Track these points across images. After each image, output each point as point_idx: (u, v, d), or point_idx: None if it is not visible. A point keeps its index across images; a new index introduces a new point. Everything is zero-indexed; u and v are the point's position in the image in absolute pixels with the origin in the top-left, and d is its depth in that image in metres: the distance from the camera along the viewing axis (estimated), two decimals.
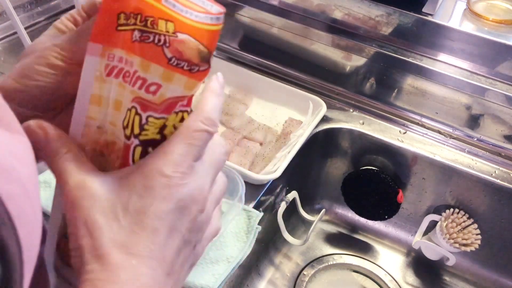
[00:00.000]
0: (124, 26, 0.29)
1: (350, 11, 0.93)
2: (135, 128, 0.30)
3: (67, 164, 0.30)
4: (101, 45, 0.30)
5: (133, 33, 0.29)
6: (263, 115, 0.93)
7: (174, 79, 0.29)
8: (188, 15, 0.29)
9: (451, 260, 0.88)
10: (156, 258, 0.29)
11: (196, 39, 0.29)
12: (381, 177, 0.89)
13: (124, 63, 0.30)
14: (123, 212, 0.29)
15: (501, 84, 0.85)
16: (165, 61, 0.29)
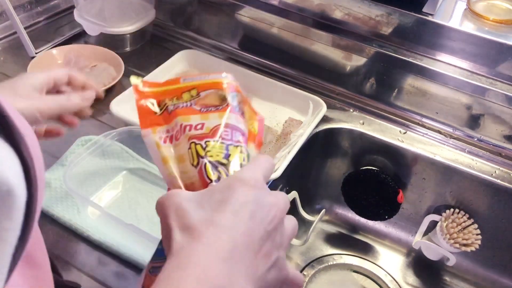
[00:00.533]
0: (160, 110, 0.45)
1: (350, 11, 0.93)
2: (199, 152, 0.40)
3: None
4: (150, 129, 0.44)
5: (167, 109, 0.44)
6: (263, 115, 0.92)
7: (209, 117, 0.43)
8: (204, 78, 0.46)
9: (451, 260, 0.88)
10: (236, 230, 0.33)
11: (213, 89, 0.45)
12: (381, 177, 0.89)
13: (170, 131, 0.43)
14: (207, 202, 0.34)
15: (501, 84, 0.85)
16: (198, 112, 0.43)
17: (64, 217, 0.68)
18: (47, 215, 0.69)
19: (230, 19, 1.06)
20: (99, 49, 0.97)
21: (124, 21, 1.01)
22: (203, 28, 1.10)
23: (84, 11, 1.02)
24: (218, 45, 1.08)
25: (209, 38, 1.09)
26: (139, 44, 1.06)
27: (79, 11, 1.01)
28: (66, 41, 1.04)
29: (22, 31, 0.95)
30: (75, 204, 0.70)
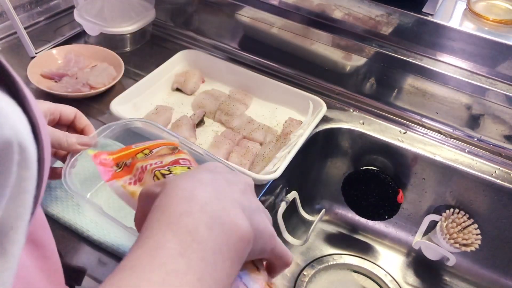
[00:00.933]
0: (119, 168, 0.55)
1: (350, 11, 0.93)
2: (164, 173, 0.48)
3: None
4: (114, 180, 0.53)
5: (126, 164, 0.55)
6: (263, 115, 0.93)
7: (165, 158, 0.52)
8: (153, 141, 0.58)
9: (451, 260, 0.88)
10: (214, 175, 0.38)
11: (164, 146, 0.57)
12: (381, 177, 0.89)
13: (132, 178, 0.53)
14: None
15: (501, 84, 0.85)
16: (155, 157, 0.54)
17: (64, 217, 0.68)
18: (47, 215, 0.69)
19: (230, 19, 1.06)
20: (99, 49, 0.97)
21: (124, 21, 1.00)
22: (203, 28, 1.10)
23: (84, 11, 1.02)
24: (218, 45, 1.08)
25: (209, 38, 1.09)
26: (139, 44, 1.06)
27: (79, 11, 1.01)
28: (66, 41, 1.04)
29: (22, 31, 0.95)
30: (75, 204, 0.70)
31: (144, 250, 0.31)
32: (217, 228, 0.32)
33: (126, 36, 1.03)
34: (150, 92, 0.92)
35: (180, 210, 0.32)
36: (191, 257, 0.30)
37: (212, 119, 0.91)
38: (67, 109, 0.62)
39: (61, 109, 0.61)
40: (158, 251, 0.30)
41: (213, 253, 0.31)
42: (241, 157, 0.81)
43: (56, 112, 0.60)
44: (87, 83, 0.89)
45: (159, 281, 0.29)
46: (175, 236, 0.31)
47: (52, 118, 0.60)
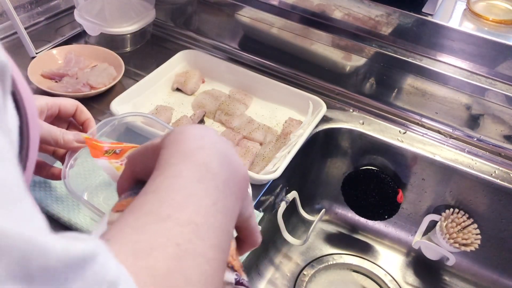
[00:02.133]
0: (109, 153, 0.58)
1: (350, 11, 0.93)
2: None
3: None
4: (105, 159, 0.57)
5: (115, 151, 0.58)
6: (263, 115, 0.93)
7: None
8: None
9: (451, 260, 0.88)
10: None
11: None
12: (381, 177, 0.89)
13: (121, 162, 0.57)
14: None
15: (501, 84, 0.85)
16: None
17: (64, 217, 0.68)
18: (47, 214, 0.69)
19: (230, 19, 1.06)
20: (99, 49, 0.97)
21: (124, 21, 1.01)
22: (203, 28, 1.10)
23: (84, 11, 1.02)
24: (218, 45, 1.08)
25: (209, 38, 1.09)
26: (139, 44, 1.06)
27: (79, 11, 1.01)
28: (66, 41, 1.04)
29: (23, 31, 0.95)
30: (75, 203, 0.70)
31: (164, 178, 0.33)
32: (226, 164, 0.36)
33: (126, 36, 1.03)
34: (150, 92, 0.92)
35: (194, 145, 0.36)
36: (208, 185, 0.33)
37: (212, 119, 0.91)
38: (67, 102, 0.60)
39: (60, 103, 0.59)
40: (177, 178, 0.33)
41: (224, 185, 0.35)
42: (241, 157, 0.81)
43: (54, 106, 0.58)
44: (87, 83, 0.89)
45: (181, 201, 0.31)
46: (192, 166, 0.34)
47: (50, 113, 0.58)
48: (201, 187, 0.33)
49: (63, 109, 0.59)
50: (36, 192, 0.71)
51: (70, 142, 0.58)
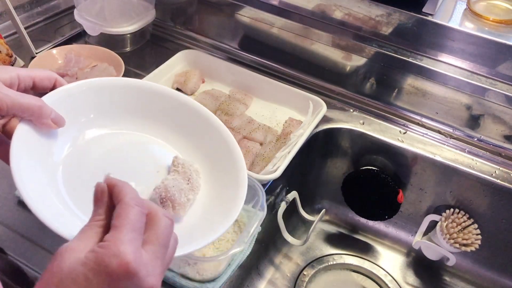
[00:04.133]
0: None
1: (350, 11, 0.93)
2: None
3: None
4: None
5: None
6: (263, 115, 0.93)
7: None
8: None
9: (451, 260, 0.88)
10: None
11: None
12: (381, 177, 0.89)
13: None
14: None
15: (501, 84, 0.85)
16: None
17: None
18: None
19: (230, 19, 1.06)
20: (99, 49, 0.97)
21: (124, 21, 1.01)
22: (203, 28, 1.10)
23: (84, 11, 1.02)
24: (218, 45, 1.08)
25: (209, 38, 1.09)
26: (139, 44, 1.06)
27: (79, 11, 1.01)
28: (66, 41, 1.04)
29: (23, 31, 0.95)
30: None
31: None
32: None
33: (126, 36, 1.03)
34: None
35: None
36: None
37: None
38: (43, 75, 0.50)
39: (35, 75, 0.49)
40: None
41: None
42: None
43: (27, 79, 0.48)
44: None
45: None
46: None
47: (23, 86, 0.48)
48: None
49: (38, 82, 0.50)
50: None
51: (48, 114, 0.47)
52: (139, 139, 0.56)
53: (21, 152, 0.44)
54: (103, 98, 0.54)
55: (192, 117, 0.59)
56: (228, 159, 0.56)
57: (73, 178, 0.49)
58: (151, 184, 0.51)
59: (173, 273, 0.64)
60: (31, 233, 0.67)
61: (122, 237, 0.34)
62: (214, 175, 0.55)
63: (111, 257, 0.33)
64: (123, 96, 0.56)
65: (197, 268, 0.64)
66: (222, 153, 0.56)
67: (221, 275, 0.65)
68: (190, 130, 0.58)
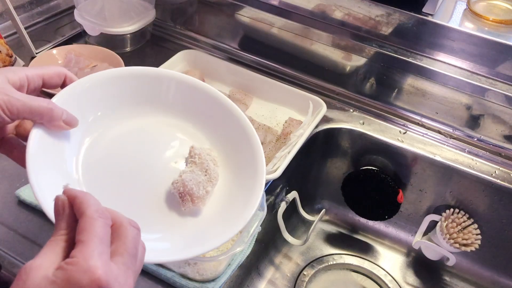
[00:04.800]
0: None
1: (350, 11, 0.93)
2: None
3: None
4: None
5: None
6: (263, 115, 0.93)
7: None
8: None
9: (451, 260, 0.88)
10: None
11: None
12: (381, 177, 0.89)
13: None
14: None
15: (501, 84, 0.85)
16: None
17: None
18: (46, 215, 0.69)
19: (230, 19, 1.06)
20: (99, 49, 0.97)
21: (124, 21, 1.01)
22: (203, 28, 1.10)
23: (84, 11, 1.02)
24: (218, 45, 1.08)
25: (209, 38, 1.09)
26: (139, 44, 1.06)
27: (79, 11, 1.01)
28: (66, 41, 1.04)
29: (23, 31, 0.95)
30: None
31: None
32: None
33: (126, 36, 1.03)
34: None
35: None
36: None
37: None
38: (52, 72, 0.48)
39: (44, 73, 0.48)
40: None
41: None
42: None
43: (36, 78, 0.47)
44: None
45: None
46: None
47: (33, 86, 0.47)
48: None
49: (47, 80, 0.48)
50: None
51: (57, 120, 0.46)
52: (152, 129, 0.54)
53: (37, 156, 0.44)
54: (113, 90, 0.53)
55: (205, 101, 0.57)
56: (246, 145, 0.54)
57: (92, 177, 0.48)
58: (169, 176, 0.50)
59: (173, 273, 0.64)
60: (31, 233, 0.67)
61: (90, 251, 0.33)
62: (231, 162, 0.54)
63: (81, 273, 0.32)
64: (131, 86, 0.54)
65: (197, 268, 0.64)
66: (239, 139, 0.55)
67: (221, 275, 0.65)
68: (205, 116, 0.56)
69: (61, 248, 0.35)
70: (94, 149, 0.50)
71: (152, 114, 0.55)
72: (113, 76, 0.53)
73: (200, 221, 0.49)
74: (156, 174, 0.51)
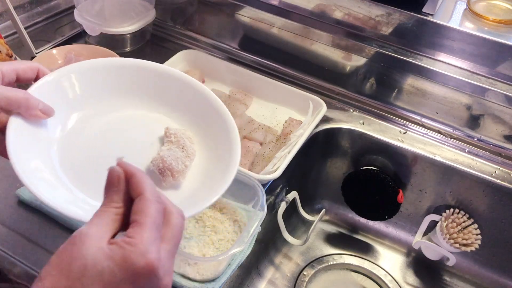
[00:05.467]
0: None
1: (350, 11, 0.93)
2: None
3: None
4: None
5: None
6: (263, 115, 0.93)
7: None
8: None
9: (451, 260, 0.88)
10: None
11: None
12: (381, 177, 0.89)
13: None
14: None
15: (501, 84, 0.85)
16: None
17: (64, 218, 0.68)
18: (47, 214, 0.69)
19: (230, 19, 1.06)
20: (99, 49, 0.97)
21: (124, 21, 1.00)
22: (203, 28, 1.10)
23: (84, 11, 1.02)
24: (218, 45, 1.08)
25: (209, 38, 1.09)
26: (139, 44, 1.06)
27: (79, 11, 1.01)
28: (66, 41, 1.04)
29: (23, 31, 0.95)
30: None
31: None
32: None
33: (126, 36, 1.03)
34: None
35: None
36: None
37: None
38: (25, 66, 0.50)
39: (18, 67, 0.50)
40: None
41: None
42: (241, 157, 0.80)
43: (10, 72, 0.48)
44: None
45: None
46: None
47: (7, 80, 0.48)
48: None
49: (21, 74, 0.50)
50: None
51: (33, 109, 0.47)
52: (129, 115, 0.57)
53: (17, 144, 0.45)
54: (87, 80, 0.56)
55: (178, 87, 0.59)
56: (219, 122, 0.57)
57: (69, 160, 0.50)
58: (147, 156, 0.52)
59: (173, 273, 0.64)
60: (31, 233, 0.67)
61: (148, 235, 0.35)
62: (207, 139, 0.56)
63: (139, 256, 0.34)
64: (107, 76, 0.57)
65: (197, 268, 0.64)
66: (211, 118, 0.57)
67: (221, 275, 0.65)
68: (178, 101, 0.59)
69: (112, 220, 0.36)
70: (71, 136, 0.52)
71: (126, 101, 0.57)
72: (85, 67, 0.57)
73: (182, 192, 0.51)
74: (134, 155, 0.53)
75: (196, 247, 0.67)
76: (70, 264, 0.33)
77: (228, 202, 0.73)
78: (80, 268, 0.33)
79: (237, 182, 0.69)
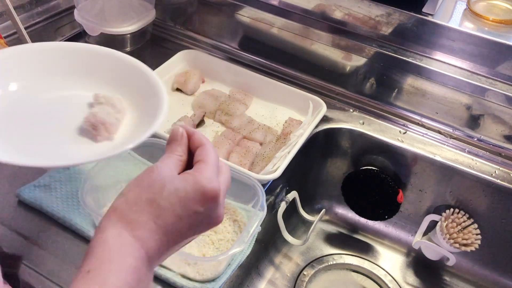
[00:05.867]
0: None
1: (350, 11, 0.93)
2: None
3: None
4: None
5: None
6: (263, 115, 0.93)
7: None
8: None
9: (451, 260, 0.88)
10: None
11: None
12: (381, 177, 0.89)
13: None
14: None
15: (501, 84, 0.85)
16: None
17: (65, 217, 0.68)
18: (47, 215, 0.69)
19: (230, 19, 1.06)
20: None
21: (124, 21, 1.00)
22: (203, 28, 1.10)
23: (84, 11, 1.02)
24: (218, 45, 1.08)
25: (209, 38, 1.09)
26: (139, 44, 1.06)
27: (79, 11, 1.01)
28: (66, 41, 1.04)
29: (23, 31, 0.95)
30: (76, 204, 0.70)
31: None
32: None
33: (126, 36, 1.03)
34: None
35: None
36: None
37: (212, 119, 0.91)
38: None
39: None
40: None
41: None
42: (241, 157, 0.81)
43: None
44: None
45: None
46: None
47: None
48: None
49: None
50: (37, 192, 0.71)
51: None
52: (61, 93, 0.59)
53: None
54: (21, 63, 0.58)
55: (105, 62, 0.61)
56: (144, 81, 0.58)
57: (5, 129, 0.52)
58: (79, 117, 0.54)
59: (173, 273, 0.64)
60: (31, 233, 0.67)
61: (212, 169, 0.42)
62: (135, 99, 0.58)
63: (207, 180, 0.41)
64: (41, 59, 0.59)
65: (197, 268, 0.64)
66: (139, 80, 0.59)
67: (221, 275, 0.65)
68: (105, 73, 0.61)
69: (178, 161, 0.44)
70: (5, 107, 0.54)
71: (59, 82, 0.59)
72: (22, 50, 0.59)
73: (118, 139, 0.53)
74: (66, 117, 0.55)
75: (196, 247, 0.67)
76: (150, 183, 0.41)
77: (228, 202, 0.73)
78: (160, 186, 0.41)
79: (237, 182, 0.70)
